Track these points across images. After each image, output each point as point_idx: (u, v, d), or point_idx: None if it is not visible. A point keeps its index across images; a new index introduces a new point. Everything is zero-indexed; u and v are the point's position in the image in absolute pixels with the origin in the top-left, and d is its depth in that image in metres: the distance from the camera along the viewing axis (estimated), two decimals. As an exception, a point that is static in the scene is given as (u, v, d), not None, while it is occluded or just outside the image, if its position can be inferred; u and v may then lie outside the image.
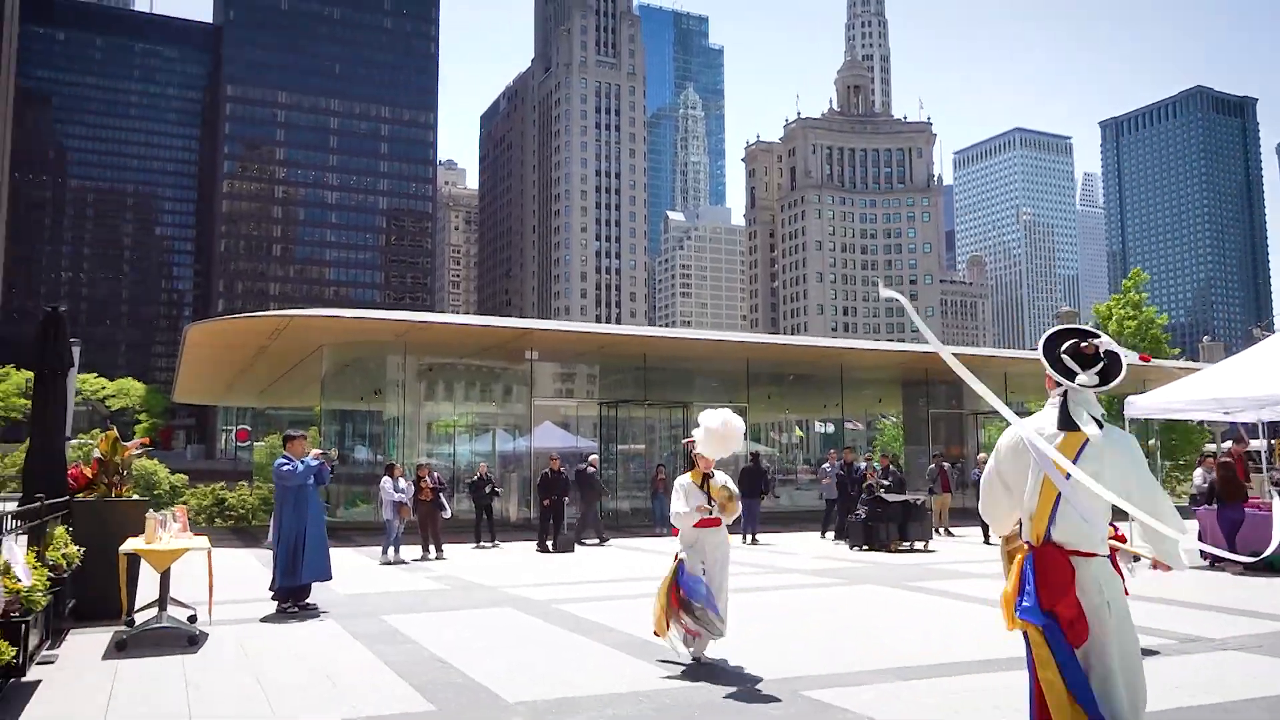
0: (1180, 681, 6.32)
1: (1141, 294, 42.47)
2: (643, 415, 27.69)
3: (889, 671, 6.76)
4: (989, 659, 7.22)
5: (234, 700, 5.94)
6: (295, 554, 9.23)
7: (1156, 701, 5.92)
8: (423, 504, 15.76)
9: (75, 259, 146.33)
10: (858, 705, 5.74)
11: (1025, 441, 3.53)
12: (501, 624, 9.04)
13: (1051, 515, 3.44)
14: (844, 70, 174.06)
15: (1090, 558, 3.42)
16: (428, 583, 12.35)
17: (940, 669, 6.89)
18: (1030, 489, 3.53)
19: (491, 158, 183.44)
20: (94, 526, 8.71)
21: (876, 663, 7.06)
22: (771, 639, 8.11)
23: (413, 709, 5.74)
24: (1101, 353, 3.62)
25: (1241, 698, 5.97)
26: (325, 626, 8.76)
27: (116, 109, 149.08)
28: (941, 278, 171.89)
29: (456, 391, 28.55)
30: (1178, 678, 6.43)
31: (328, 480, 10.18)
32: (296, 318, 20.29)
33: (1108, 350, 3.63)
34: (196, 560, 8.51)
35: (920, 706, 5.80)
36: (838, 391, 29.32)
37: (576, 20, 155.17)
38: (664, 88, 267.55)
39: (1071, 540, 3.42)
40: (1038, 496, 3.49)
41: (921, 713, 5.67)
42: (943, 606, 10.24)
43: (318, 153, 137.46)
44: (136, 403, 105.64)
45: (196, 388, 32.30)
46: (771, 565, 14.47)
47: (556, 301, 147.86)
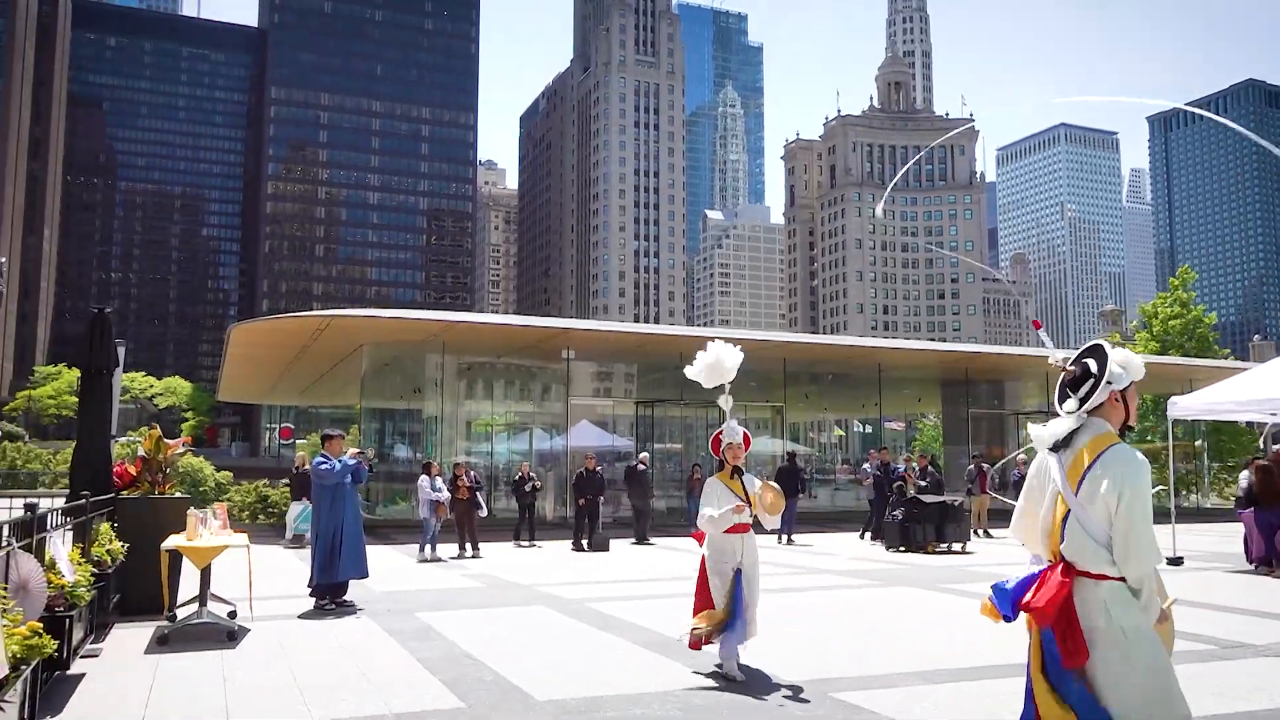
0: (1223, 688, 6.23)
1: (1190, 292, 41.64)
2: (679, 415, 27.69)
3: (917, 675, 6.72)
4: (1016, 663, 7.14)
5: (269, 694, 6.06)
6: (333, 551, 9.38)
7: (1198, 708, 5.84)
8: (460, 502, 15.91)
9: (124, 259, 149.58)
10: (884, 707, 5.73)
11: (1047, 461, 3.53)
12: (533, 622, 9.11)
13: (1062, 532, 3.41)
14: (885, 67, 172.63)
15: (1099, 580, 3.29)
16: (462, 580, 12.47)
17: (967, 673, 6.85)
18: (1047, 505, 3.52)
19: (531, 157, 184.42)
20: (138, 523, 8.92)
21: (905, 665, 7.02)
22: (802, 640, 8.09)
23: (443, 705, 5.81)
24: (1079, 371, 3.55)
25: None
26: (361, 623, 8.89)
27: (165, 112, 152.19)
28: (983, 276, 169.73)
29: (495, 390, 28.77)
30: (1220, 684, 6.34)
31: (365, 479, 10.33)
32: (337, 318, 20.57)
33: (1084, 365, 3.55)
34: (237, 557, 8.69)
35: (946, 710, 5.76)
36: (876, 391, 29.12)
37: (615, 19, 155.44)
38: (703, 86, 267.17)
39: (1077, 559, 3.34)
40: (1053, 513, 3.48)
41: (946, 716, 5.63)
42: (975, 609, 10.13)
43: (360, 154, 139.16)
44: (183, 401, 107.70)
45: (240, 387, 32.89)
46: (807, 566, 14.42)
47: (595, 300, 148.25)
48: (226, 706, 5.75)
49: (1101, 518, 3.29)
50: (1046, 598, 3.33)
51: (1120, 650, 3.22)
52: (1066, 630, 3.27)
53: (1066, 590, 3.31)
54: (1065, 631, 3.27)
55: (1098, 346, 3.59)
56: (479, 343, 24.77)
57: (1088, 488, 3.33)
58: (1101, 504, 3.29)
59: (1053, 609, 3.29)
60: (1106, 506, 3.28)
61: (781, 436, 28.96)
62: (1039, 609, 3.33)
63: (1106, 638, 3.24)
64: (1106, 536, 3.30)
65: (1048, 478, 3.53)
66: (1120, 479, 3.26)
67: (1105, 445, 3.37)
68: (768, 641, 7.37)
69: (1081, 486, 3.35)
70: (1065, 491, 3.39)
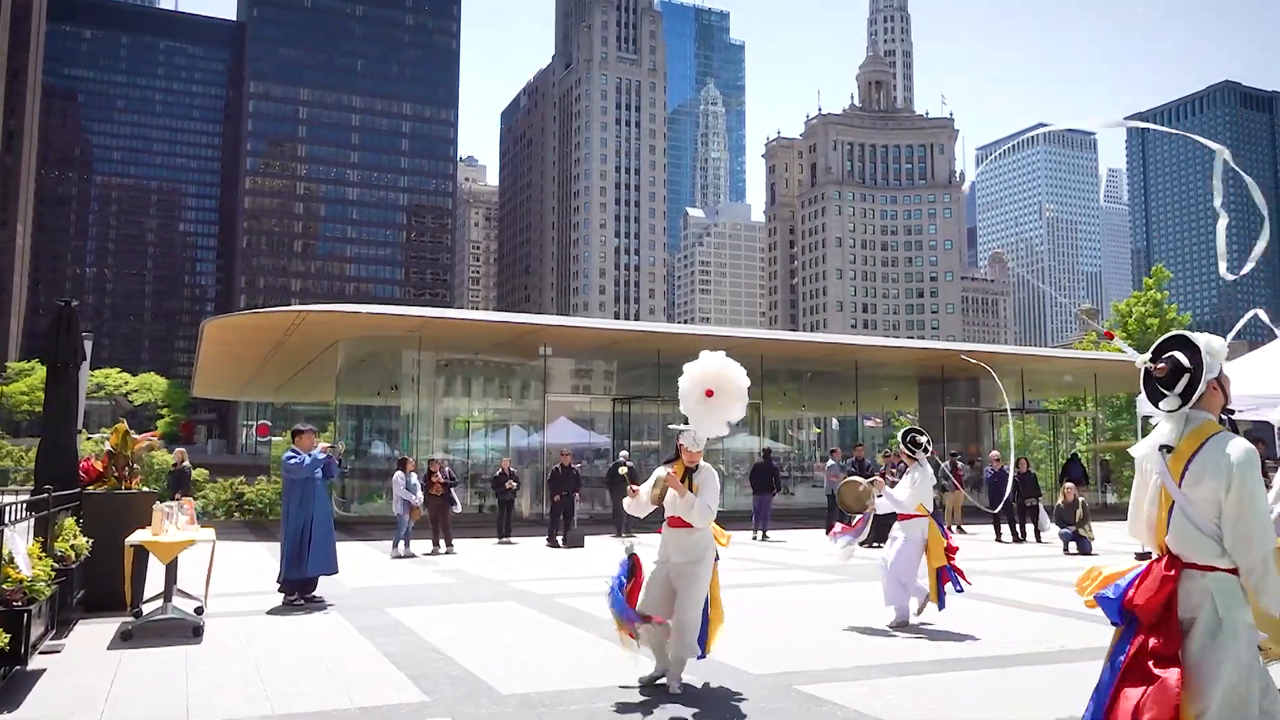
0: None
1: (1163, 292, 42.02)
2: (657, 411, 27.71)
3: (884, 668, 6.77)
4: (983, 656, 7.21)
5: (231, 689, 6.02)
6: (301, 546, 9.33)
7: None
8: (433, 498, 15.87)
9: (100, 254, 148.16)
10: (847, 699, 5.76)
11: (1152, 455, 3.50)
12: (503, 617, 9.10)
13: (1168, 523, 3.40)
14: (866, 66, 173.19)
15: (1206, 571, 3.27)
16: (434, 576, 12.44)
17: (932, 665, 6.91)
18: (1150, 499, 3.52)
19: (512, 154, 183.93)
20: (104, 518, 8.83)
21: (872, 659, 7.08)
22: (769, 635, 8.12)
23: (408, 700, 5.80)
24: (1170, 367, 3.49)
25: None
26: (329, 618, 8.85)
27: (141, 106, 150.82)
28: (963, 274, 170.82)
29: (473, 387, 28.69)
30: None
31: (336, 474, 10.29)
32: (311, 313, 20.47)
33: (1174, 359, 3.49)
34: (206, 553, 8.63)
35: (908, 701, 5.80)
36: (854, 389, 29.24)
37: (598, 16, 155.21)
38: (685, 84, 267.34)
39: (1184, 550, 3.32)
40: (1156, 506, 3.48)
41: (908, 707, 5.67)
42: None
43: (339, 149, 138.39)
44: (159, 398, 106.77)
45: (215, 383, 32.65)
46: (780, 562, 14.47)
47: (575, 298, 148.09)
48: (187, 701, 5.71)
49: (1208, 507, 3.28)
50: (1149, 594, 3.32)
51: (1216, 642, 3.20)
52: (1163, 621, 3.26)
53: (1171, 586, 3.29)
54: (1161, 623, 3.26)
55: (1179, 338, 3.56)
56: (456, 339, 24.68)
57: (1191, 478, 3.32)
58: (1208, 493, 3.28)
59: (1157, 604, 3.28)
60: (1214, 495, 3.27)
61: (759, 434, 29.04)
62: (1141, 606, 3.31)
63: (1204, 629, 3.22)
64: (1213, 527, 3.28)
65: (1149, 474, 3.53)
66: (1227, 467, 3.25)
67: (1207, 435, 3.36)
68: (735, 636, 7.39)
69: (1185, 478, 3.33)
70: (1169, 484, 3.37)
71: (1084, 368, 31.58)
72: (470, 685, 6.17)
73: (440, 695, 5.89)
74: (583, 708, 5.59)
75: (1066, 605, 9.90)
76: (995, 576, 12.26)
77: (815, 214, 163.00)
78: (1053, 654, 7.31)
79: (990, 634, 8.18)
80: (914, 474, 8.51)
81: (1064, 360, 33.04)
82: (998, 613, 9.49)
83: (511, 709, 5.57)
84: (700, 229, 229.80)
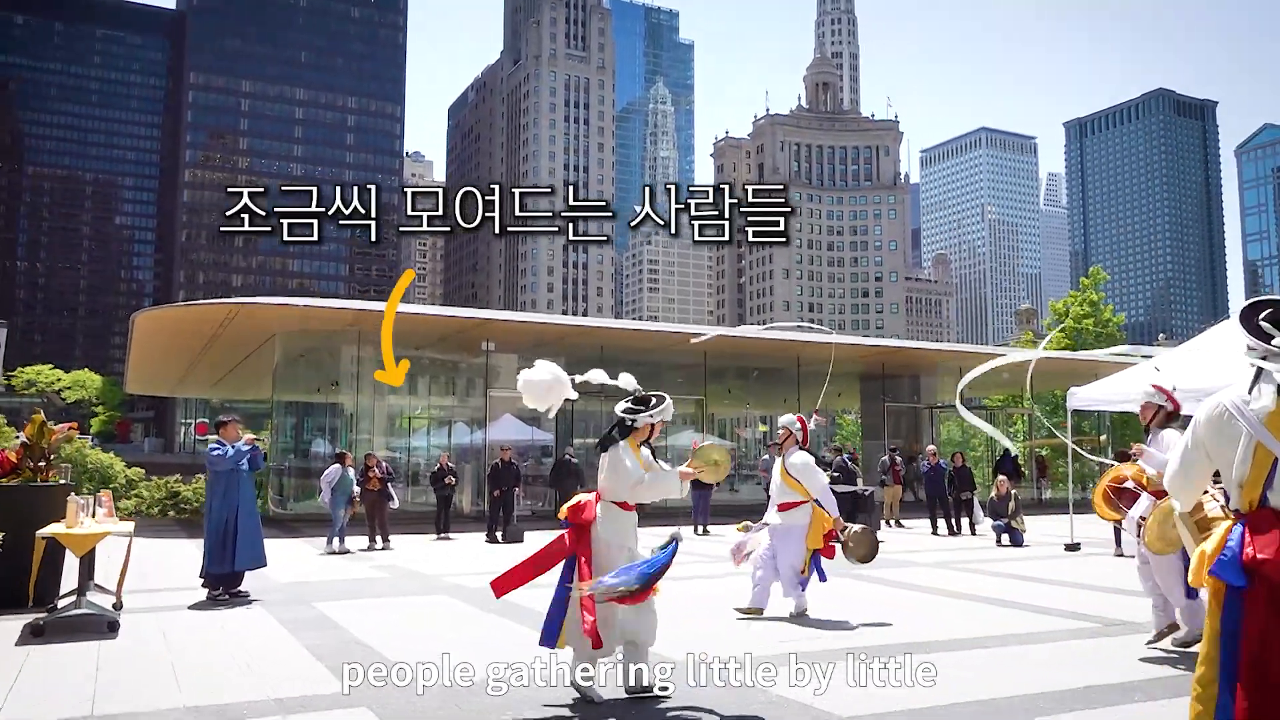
0: (1109, 660, 6.39)
1: (1100, 293, 43.02)
2: (600, 409, 27.63)
3: (801, 655, 6.80)
4: (907, 642, 7.29)
5: (142, 683, 5.85)
6: (225, 540, 9.11)
7: (1082, 679, 6.03)
8: (369, 493, 15.65)
9: (32, 248, 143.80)
10: (759, 681, 5.77)
11: (1231, 410, 3.46)
12: (434, 611, 8.99)
13: (1269, 480, 3.37)
14: (813, 67, 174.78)
15: None
16: (368, 571, 12.27)
17: (837, 653, 6.95)
18: (1240, 458, 3.46)
19: (459, 150, 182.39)
20: (17, 512, 8.54)
21: (789, 646, 7.10)
22: (697, 625, 8.12)
23: (326, 690, 5.70)
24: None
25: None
26: (253, 613, 8.66)
27: (76, 95, 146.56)
28: (907, 275, 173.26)
29: (416, 384, 28.34)
30: (1105, 657, 6.50)
31: (262, 466, 10.08)
32: (246, 305, 20.07)
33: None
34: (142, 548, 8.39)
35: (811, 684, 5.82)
36: (796, 387, 29.45)
37: (546, 12, 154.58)
38: (634, 82, 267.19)
39: None
40: (1249, 464, 3.43)
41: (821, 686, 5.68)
42: (869, 591, 10.31)
43: (282, 142, 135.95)
44: (93, 395, 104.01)
45: (149, 378, 31.86)
46: (720, 555, 14.49)
47: (523, 295, 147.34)
48: (94, 695, 5.53)
49: None
50: (1274, 547, 3.27)
51: None
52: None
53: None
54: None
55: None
56: (397, 333, 23.99)
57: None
58: None
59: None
60: None
61: (702, 430, 29.13)
62: (1271, 560, 3.24)
63: None
64: None
65: (1227, 435, 3.50)
66: None
67: None
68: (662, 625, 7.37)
69: None
70: (1268, 440, 3.36)
71: (1021, 366, 32.14)
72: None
73: (360, 687, 5.78)
74: (504, 699, 5.53)
75: (991, 594, 10.07)
76: (923, 567, 12.42)
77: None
78: (961, 640, 7.40)
79: (903, 621, 8.26)
80: (794, 459, 8.55)
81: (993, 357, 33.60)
82: (918, 600, 9.60)
83: (433, 700, 5.49)
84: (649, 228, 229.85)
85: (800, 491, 8.45)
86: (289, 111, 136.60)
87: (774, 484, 8.79)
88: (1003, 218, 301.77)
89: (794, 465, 8.51)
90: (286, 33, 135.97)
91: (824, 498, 8.60)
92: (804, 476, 8.45)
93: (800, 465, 8.50)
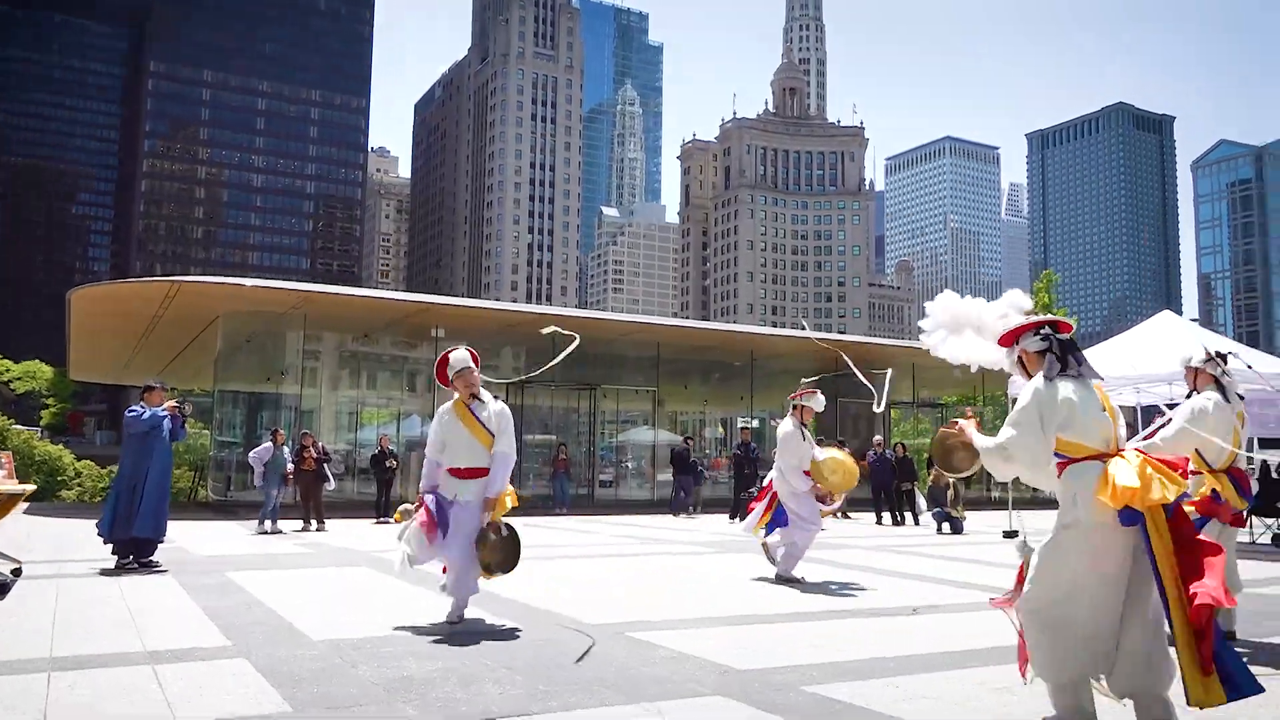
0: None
1: (1053, 296, 43.44)
2: (550, 401, 27.41)
3: (720, 619, 6.70)
4: (810, 611, 7.22)
5: (18, 638, 5.60)
6: (130, 504, 8.81)
7: (962, 644, 5.93)
8: (305, 474, 15.34)
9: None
10: (668, 642, 5.65)
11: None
12: (350, 582, 8.78)
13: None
14: (780, 73, 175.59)
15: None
16: (293, 548, 11.99)
17: (764, 618, 6.87)
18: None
19: (425, 146, 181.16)
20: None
21: (716, 613, 7.01)
22: (618, 595, 8.00)
23: (207, 644, 5.48)
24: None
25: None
26: (159, 579, 8.40)
27: (34, 83, 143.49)
28: (870, 281, 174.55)
29: (364, 375, 27.94)
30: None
31: (183, 436, 9.76)
32: (187, 284, 19.61)
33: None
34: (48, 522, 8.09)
35: (725, 643, 5.72)
36: (750, 384, 29.40)
37: (515, 11, 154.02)
38: (603, 83, 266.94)
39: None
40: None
41: (723, 647, 5.57)
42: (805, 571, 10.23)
43: (244, 134, 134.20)
44: (44, 386, 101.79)
45: (91, 364, 31.11)
46: (662, 539, 14.40)
47: (487, 293, 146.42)
48: (-41, 646, 5.28)
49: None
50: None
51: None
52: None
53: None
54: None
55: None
56: (344, 319, 23.80)
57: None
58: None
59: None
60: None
61: (655, 425, 29.02)
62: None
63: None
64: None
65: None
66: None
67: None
68: (583, 594, 7.25)
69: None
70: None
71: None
72: (283, 633, 5.87)
73: (245, 640, 5.58)
74: (394, 650, 5.36)
75: (924, 571, 10.04)
76: (860, 550, 12.40)
77: (728, 216, 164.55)
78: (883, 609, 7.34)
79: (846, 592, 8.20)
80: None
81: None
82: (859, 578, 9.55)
83: (317, 651, 5.29)
84: (615, 228, 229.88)
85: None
86: (251, 103, 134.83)
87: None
88: (965, 226, 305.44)
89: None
90: (251, 24, 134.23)
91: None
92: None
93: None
